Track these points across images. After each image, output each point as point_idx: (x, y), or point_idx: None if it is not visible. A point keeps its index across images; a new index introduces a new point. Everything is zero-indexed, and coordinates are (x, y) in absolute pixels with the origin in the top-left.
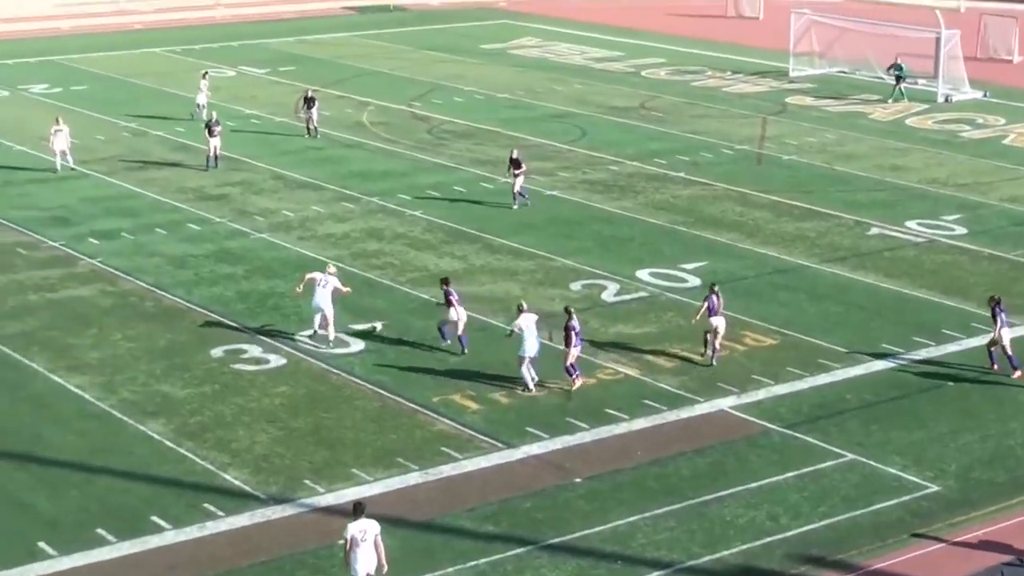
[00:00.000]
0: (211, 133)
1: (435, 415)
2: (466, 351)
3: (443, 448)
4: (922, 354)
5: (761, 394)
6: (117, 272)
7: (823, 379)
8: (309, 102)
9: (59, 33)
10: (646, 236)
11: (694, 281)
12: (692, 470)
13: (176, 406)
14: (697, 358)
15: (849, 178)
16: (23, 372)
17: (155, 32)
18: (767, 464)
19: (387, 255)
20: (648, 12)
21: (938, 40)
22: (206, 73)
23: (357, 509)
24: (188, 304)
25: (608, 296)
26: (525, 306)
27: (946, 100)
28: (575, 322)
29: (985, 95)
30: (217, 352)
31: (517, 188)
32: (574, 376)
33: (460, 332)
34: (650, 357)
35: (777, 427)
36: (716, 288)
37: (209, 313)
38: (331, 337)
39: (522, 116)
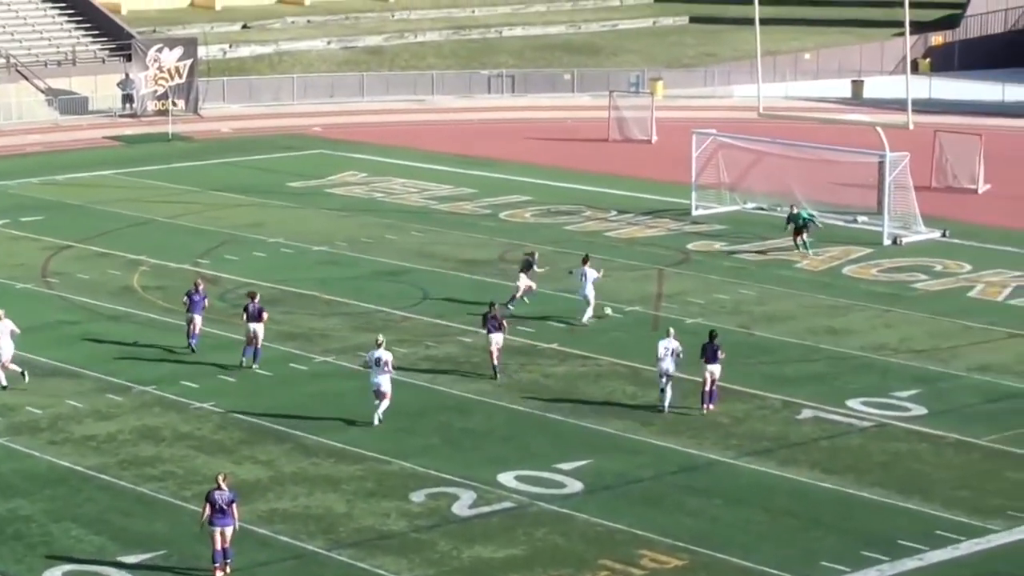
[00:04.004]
0: None
1: None
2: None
3: None
4: (873, 574)
5: None
6: None
7: None
8: (527, 264)
9: None
10: (510, 428)
11: (574, 485)
12: None
13: None
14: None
15: (772, 346)
16: None
17: None
18: None
19: (166, 462)
20: (506, 136)
21: (882, 165)
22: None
23: None
24: None
25: (461, 509)
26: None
27: (894, 242)
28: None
29: (944, 234)
30: None
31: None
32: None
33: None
34: None
35: None
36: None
37: None
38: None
39: (344, 275)
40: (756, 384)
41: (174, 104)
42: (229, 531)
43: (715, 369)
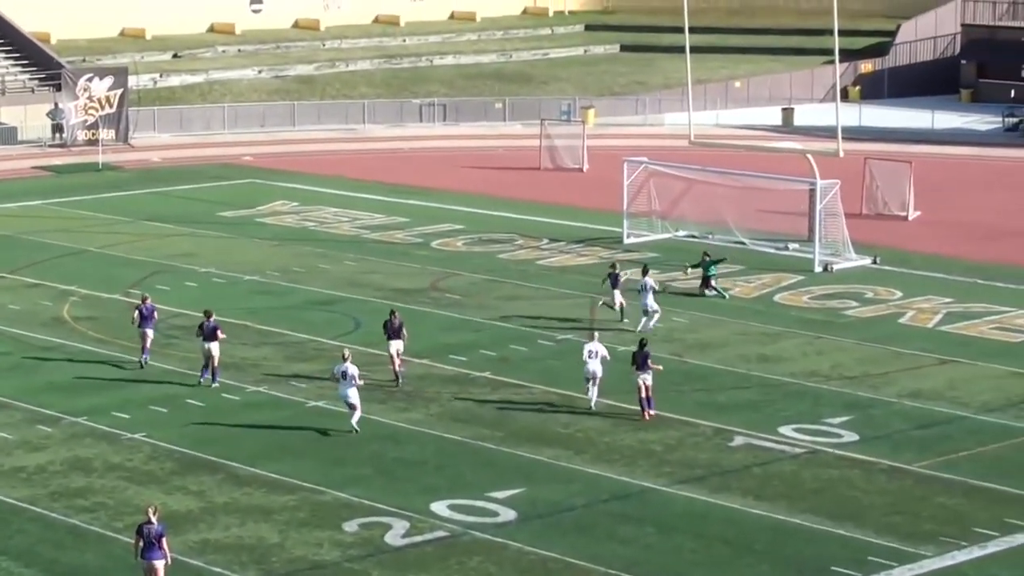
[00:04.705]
0: None
1: None
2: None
3: None
4: None
5: None
6: None
7: None
8: (614, 279)
9: None
10: (443, 457)
11: (507, 514)
12: None
13: None
14: None
15: (704, 373)
16: None
17: None
18: None
19: (97, 493)
20: (438, 165)
21: (812, 193)
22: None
23: None
24: None
25: (394, 538)
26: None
27: (825, 269)
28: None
29: (875, 261)
30: None
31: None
32: None
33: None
34: None
35: None
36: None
37: None
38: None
39: (276, 304)
40: (688, 411)
41: (104, 134)
42: (160, 564)
43: (647, 377)
